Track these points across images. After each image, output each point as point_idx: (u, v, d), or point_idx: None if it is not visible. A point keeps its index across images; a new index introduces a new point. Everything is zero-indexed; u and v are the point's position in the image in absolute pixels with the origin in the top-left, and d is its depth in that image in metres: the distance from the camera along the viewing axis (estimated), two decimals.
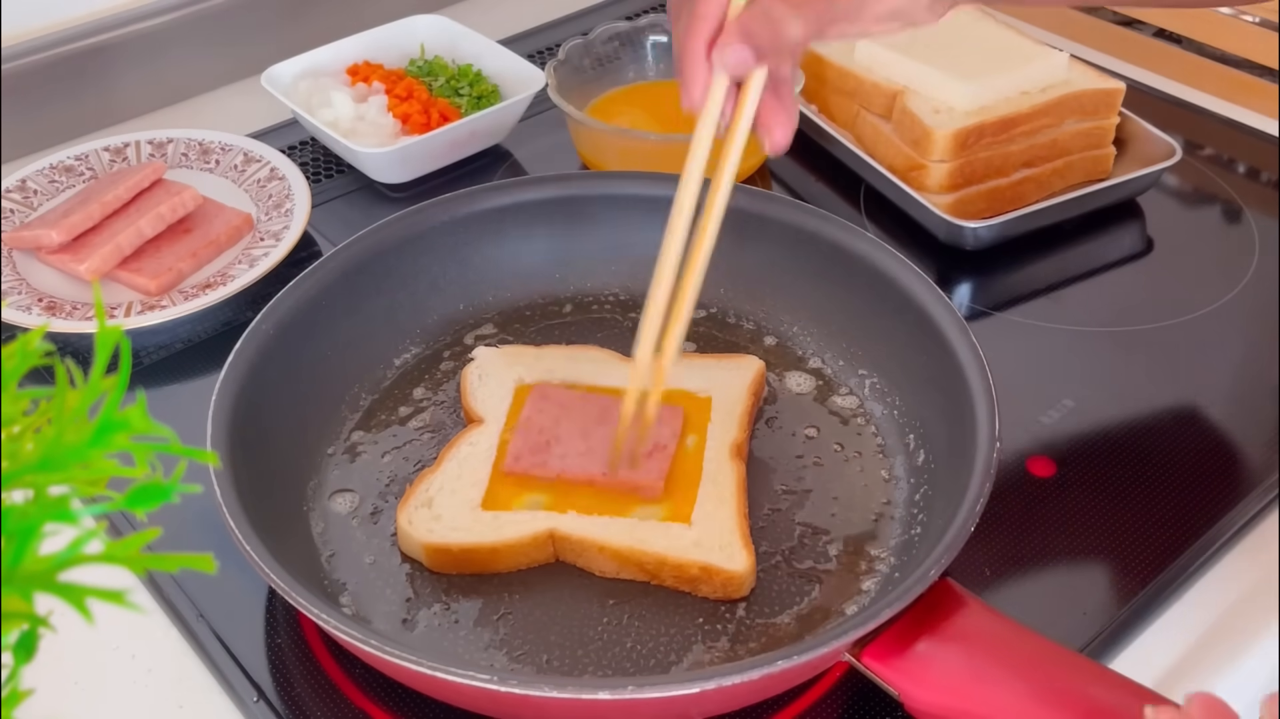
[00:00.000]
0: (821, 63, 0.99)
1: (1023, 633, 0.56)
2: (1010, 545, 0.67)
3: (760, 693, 0.58)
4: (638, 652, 0.61)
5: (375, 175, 0.95)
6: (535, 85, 0.96)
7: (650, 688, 0.52)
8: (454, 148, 0.96)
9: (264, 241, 0.86)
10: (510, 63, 1.00)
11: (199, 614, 0.64)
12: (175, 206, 0.87)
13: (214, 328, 0.82)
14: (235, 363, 0.67)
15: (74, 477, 0.32)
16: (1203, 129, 1.00)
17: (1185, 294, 0.85)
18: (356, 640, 0.54)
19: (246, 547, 0.57)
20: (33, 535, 0.31)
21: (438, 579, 0.65)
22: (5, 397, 0.33)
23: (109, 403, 0.32)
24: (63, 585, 0.31)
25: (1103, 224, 0.90)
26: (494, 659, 0.61)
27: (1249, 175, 0.97)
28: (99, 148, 0.95)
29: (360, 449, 0.72)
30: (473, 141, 0.96)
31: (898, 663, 0.55)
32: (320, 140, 0.97)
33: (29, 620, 0.31)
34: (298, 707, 0.60)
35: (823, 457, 0.71)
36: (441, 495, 0.66)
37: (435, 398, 0.75)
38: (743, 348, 0.78)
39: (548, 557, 0.65)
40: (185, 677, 0.62)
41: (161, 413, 0.33)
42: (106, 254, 0.83)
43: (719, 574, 0.63)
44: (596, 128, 0.91)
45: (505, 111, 0.96)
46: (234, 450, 0.62)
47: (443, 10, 1.18)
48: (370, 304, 0.76)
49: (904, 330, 0.72)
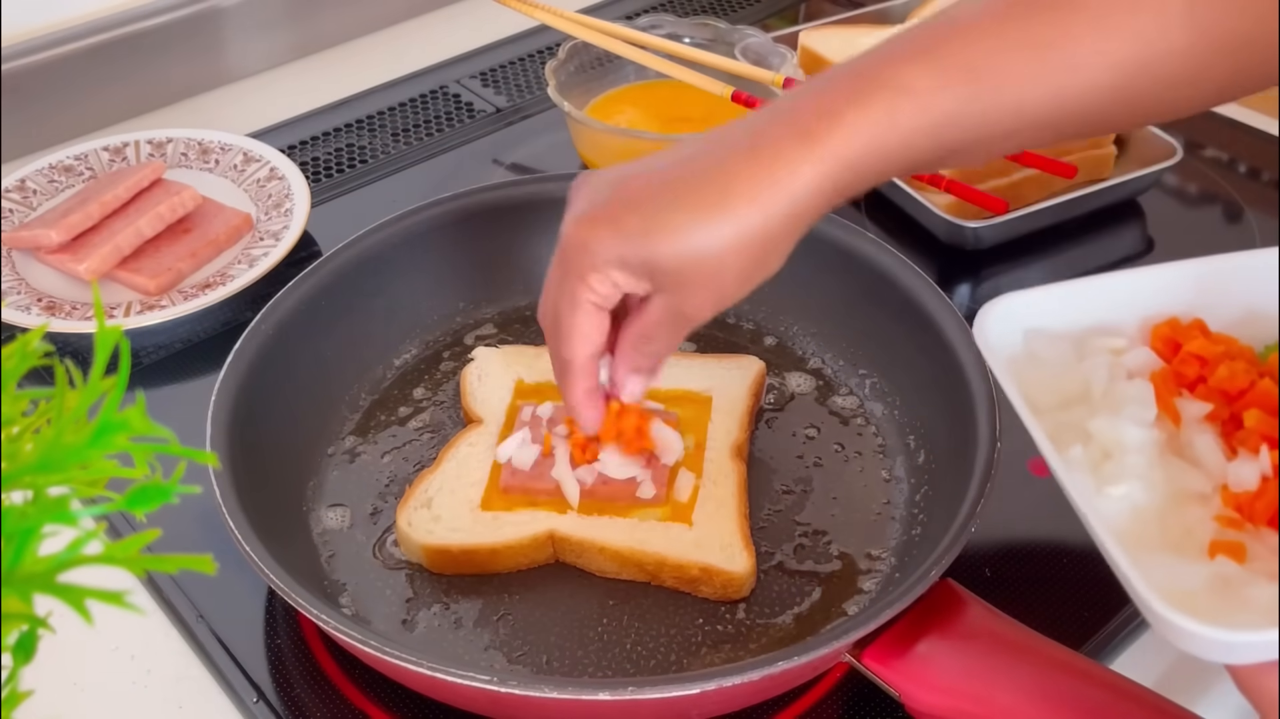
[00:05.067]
0: (822, 63, 0.99)
1: (1023, 633, 0.56)
2: (1010, 545, 0.67)
3: (761, 693, 0.58)
4: (638, 652, 0.61)
5: None
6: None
7: (650, 689, 0.52)
8: None
9: (263, 241, 0.86)
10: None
11: (199, 615, 0.64)
12: (175, 206, 0.87)
13: (213, 328, 0.82)
14: (235, 363, 0.67)
15: (73, 477, 0.32)
16: (1203, 129, 1.00)
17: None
18: (356, 641, 0.54)
19: (246, 547, 0.57)
20: (32, 536, 0.31)
21: (437, 580, 0.65)
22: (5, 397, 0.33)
23: (108, 403, 0.32)
24: (62, 586, 0.31)
25: (1103, 224, 0.90)
26: (494, 660, 0.61)
27: (1250, 175, 0.97)
28: (98, 147, 0.95)
29: (360, 450, 0.72)
30: None
31: (898, 663, 0.55)
32: None
33: (28, 621, 0.31)
34: (297, 707, 0.60)
35: (823, 457, 0.71)
36: (441, 496, 0.66)
37: (435, 398, 0.75)
38: (743, 348, 0.78)
39: (547, 557, 0.65)
40: (185, 677, 0.62)
41: (161, 413, 0.33)
42: (106, 254, 0.83)
43: (719, 575, 0.62)
44: (596, 128, 0.91)
45: None
46: (233, 451, 0.62)
47: (435, 10, 1.19)
48: (370, 304, 0.76)
49: (905, 330, 0.72)
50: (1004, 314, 0.53)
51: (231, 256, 0.86)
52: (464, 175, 0.96)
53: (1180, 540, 0.45)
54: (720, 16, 1.11)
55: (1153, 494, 0.47)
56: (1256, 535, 0.45)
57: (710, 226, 0.51)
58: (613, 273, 0.53)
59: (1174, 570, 0.44)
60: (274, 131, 1.01)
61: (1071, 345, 0.53)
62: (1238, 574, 0.44)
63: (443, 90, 1.07)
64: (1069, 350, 0.53)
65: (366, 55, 1.13)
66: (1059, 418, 0.51)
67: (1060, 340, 0.53)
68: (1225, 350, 0.51)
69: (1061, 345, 0.53)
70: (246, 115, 1.03)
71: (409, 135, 1.02)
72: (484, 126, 1.03)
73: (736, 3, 1.21)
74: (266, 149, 0.94)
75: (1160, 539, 0.46)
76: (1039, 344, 0.53)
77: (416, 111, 1.05)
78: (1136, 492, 0.47)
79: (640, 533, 0.64)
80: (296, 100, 1.05)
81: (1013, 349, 0.52)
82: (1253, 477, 0.45)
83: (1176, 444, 0.49)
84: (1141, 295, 0.53)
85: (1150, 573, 0.42)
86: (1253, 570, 0.44)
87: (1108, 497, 0.46)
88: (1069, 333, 0.53)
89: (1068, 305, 0.53)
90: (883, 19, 1.05)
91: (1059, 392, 0.51)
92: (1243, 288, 0.53)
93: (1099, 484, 0.47)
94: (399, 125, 1.03)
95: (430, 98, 1.06)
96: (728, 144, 0.53)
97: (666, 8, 1.20)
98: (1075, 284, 0.54)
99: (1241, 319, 0.53)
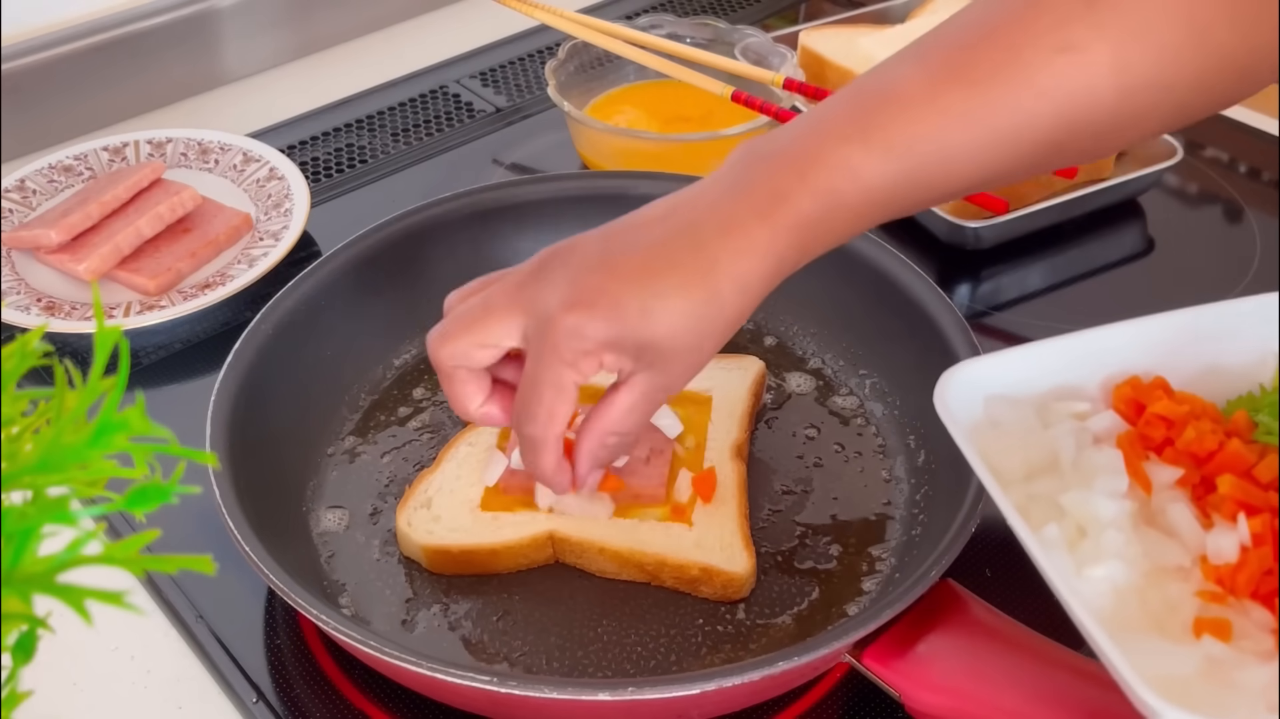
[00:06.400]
0: (822, 63, 0.99)
1: (1023, 633, 0.56)
2: (1010, 545, 0.67)
3: (761, 694, 0.58)
4: (637, 652, 0.61)
5: None
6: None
7: (650, 689, 0.52)
8: None
9: (263, 241, 0.86)
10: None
11: (198, 615, 0.64)
12: (174, 206, 0.87)
13: (213, 328, 0.82)
14: (234, 363, 0.67)
15: (73, 478, 0.32)
16: (1204, 129, 1.00)
17: (1186, 294, 0.84)
18: (355, 641, 0.54)
19: (246, 547, 0.57)
20: (32, 536, 0.31)
21: (437, 580, 0.65)
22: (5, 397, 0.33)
23: (108, 403, 0.32)
24: (62, 587, 0.31)
25: (1104, 224, 0.90)
26: (494, 660, 0.61)
27: (1250, 175, 0.97)
28: (98, 147, 0.95)
29: (360, 450, 0.72)
30: None
31: (898, 664, 0.55)
32: None
33: (28, 622, 0.31)
34: (297, 707, 0.60)
35: (823, 457, 0.71)
36: (440, 496, 0.66)
37: (435, 398, 0.75)
38: (743, 348, 0.78)
39: (547, 558, 0.65)
40: (184, 678, 0.62)
41: (160, 413, 0.33)
42: (105, 254, 0.83)
43: (719, 575, 0.62)
44: (596, 128, 0.91)
45: None
46: (233, 451, 0.62)
47: (435, 10, 1.18)
48: (370, 304, 0.76)
49: (905, 330, 0.72)
50: (964, 381, 0.52)
51: (231, 256, 0.86)
52: (464, 175, 0.96)
53: (1163, 619, 0.45)
54: (720, 16, 1.11)
55: (1132, 571, 0.46)
56: (1241, 609, 0.44)
57: (700, 306, 0.54)
58: (605, 356, 0.55)
59: (1162, 656, 0.43)
60: (274, 131, 1.01)
61: (1034, 410, 0.52)
62: (1227, 656, 0.43)
63: (442, 90, 1.07)
64: (1031, 416, 0.52)
65: (366, 55, 1.13)
66: (1028, 489, 0.50)
67: (1022, 405, 0.52)
68: (1190, 410, 0.50)
69: (1024, 410, 0.52)
70: (246, 115, 1.03)
71: (409, 135, 1.02)
72: (484, 126, 1.03)
73: (736, 3, 1.21)
74: (266, 149, 0.94)
75: (1143, 619, 0.45)
76: (1000, 410, 0.53)
77: (416, 111, 1.04)
78: (1116, 571, 0.46)
79: (640, 533, 0.64)
80: (296, 100, 1.05)
81: (974, 417, 0.52)
82: (1232, 547, 0.45)
83: (1149, 513, 0.48)
84: (1102, 355, 0.53)
85: (1138, 659, 0.42)
86: (1241, 650, 0.43)
87: (1088, 579, 0.46)
88: (1030, 397, 0.53)
89: (1028, 368, 0.53)
90: (883, 19, 1.04)
91: (1026, 461, 0.51)
92: (1203, 343, 0.53)
93: (1078, 565, 0.46)
94: (399, 125, 1.03)
95: (430, 98, 1.06)
96: (699, 225, 0.55)
97: (666, 8, 1.20)
98: (1034, 347, 0.54)
99: (1202, 373, 0.52)
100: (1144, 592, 0.45)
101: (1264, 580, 0.44)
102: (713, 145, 0.90)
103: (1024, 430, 0.52)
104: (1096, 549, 0.46)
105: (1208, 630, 0.44)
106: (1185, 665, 0.43)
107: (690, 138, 0.91)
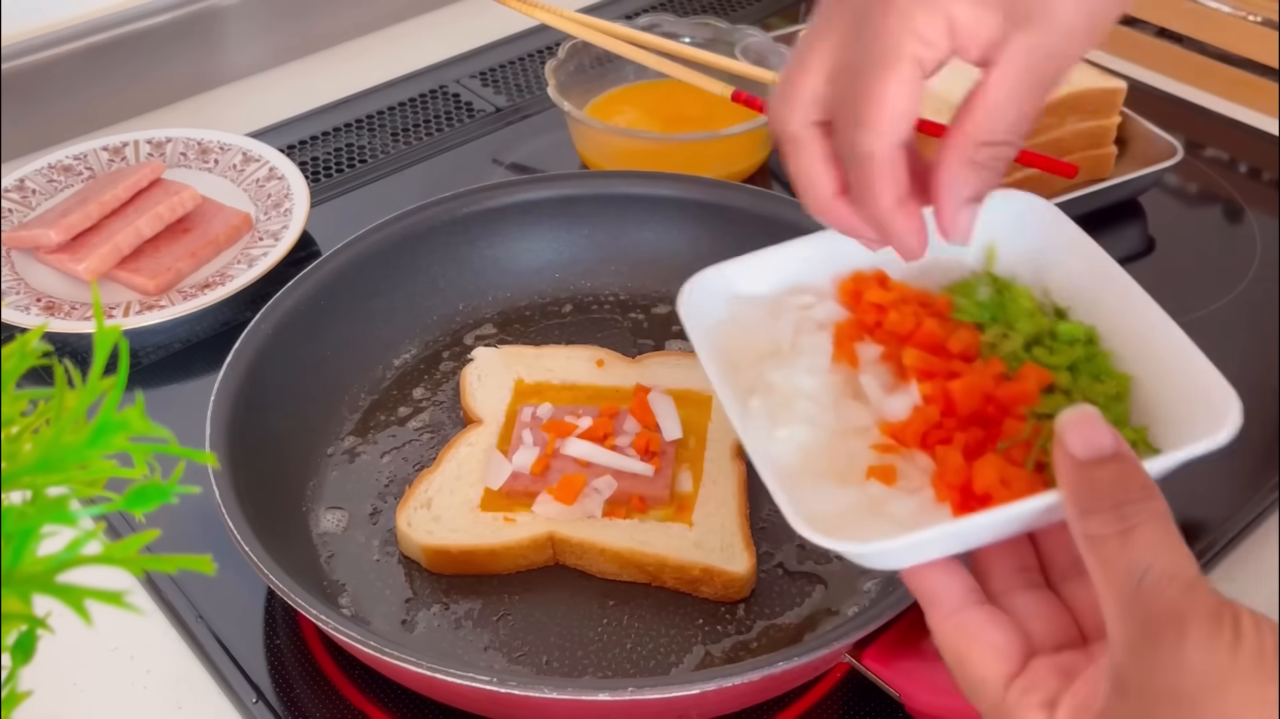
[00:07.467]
0: None
1: None
2: None
3: (761, 694, 0.58)
4: (638, 653, 0.61)
5: None
6: None
7: (650, 689, 0.52)
8: None
9: (263, 241, 0.86)
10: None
11: (198, 615, 0.64)
12: (174, 206, 0.86)
13: (213, 328, 0.82)
14: (234, 363, 0.67)
15: (72, 477, 0.32)
16: (1204, 128, 1.00)
17: (1186, 294, 0.84)
18: (355, 641, 0.54)
19: (245, 548, 0.57)
20: (31, 536, 0.31)
21: (437, 580, 0.65)
22: (4, 397, 0.33)
23: (107, 403, 0.32)
24: (61, 587, 0.31)
25: (1104, 224, 0.90)
26: (493, 660, 0.61)
27: (1250, 175, 0.97)
28: (97, 147, 0.95)
29: (359, 450, 0.72)
30: None
31: (898, 664, 0.55)
32: None
33: (27, 622, 0.31)
34: (297, 707, 0.60)
35: None
36: (441, 496, 0.66)
37: (435, 398, 0.75)
38: None
39: (547, 559, 0.65)
40: (184, 678, 0.62)
41: (160, 413, 0.33)
42: (105, 254, 0.83)
43: (720, 575, 0.62)
44: (596, 128, 0.91)
45: None
46: (233, 451, 0.62)
47: (435, 10, 1.19)
48: (370, 304, 0.76)
49: None
50: (706, 286, 0.55)
51: (231, 256, 0.86)
52: (464, 175, 0.96)
53: (844, 472, 0.49)
54: (720, 16, 1.11)
55: (819, 433, 0.50)
56: (909, 458, 0.48)
57: None
58: (956, 8, 0.41)
59: (829, 498, 0.47)
60: (273, 131, 1.01)
61: (767, 307, 0.56)
62: (886, 494, 0.47)
63: (442, 90, 1.07)
64: (764, 311, 0.55)
65: (366, 55, 1.13)
66: (756, 373, 0.54)
67: (758, 303, 0.56)
68: (899, 296, 0.53)
69: (759, 307, 0.55)
70: (246, 115, 1.03)
71: (409, 135, 1.02)
72: (484, 126, 1.03)
73: (736, 2, 1.21)
74: (266, 149, 0.94)
75: (829, 472, 0.49)
76: (739, 309, 0.56)
77: (416, 111, 1.04)
78: (801, 432, 0.49)
79: (640, 534, 0.64)
80: (296, 100, 1.05)
81: (718, 316, 0.55)
82: (905, 407, 0.49)
83: (855, 387, 0.52)
84: (836, 257, 0.55)
85: (809, 501, 0.46)
86: (900, 490, 0.47)
87: (775, 439, 0.49)
88: (768, 296, 0.56)
89: (767, 272, 0.56)
90: None
91: (754, 350, 0.54)
92: (931, 238, 0.54)
93: (770, 429, 0.50)
94: (399, 125, 1.03)
95: (430, 97, 1.06)
96: None
97: (666, 8, 1.20)
98: (772, 250, 0.56)
99: (924, 267, 0.54)
100: (832, 449, 0.49)
101: (932, 433, 0.48)
102: (713, 145, 0.90)
103: (756, 323, 0.55)
104: (789, 415, 0.50)
105: (874, 476, 0.48)
106: (846, 504, 0.47)
107: (690, 138, 0.91)
